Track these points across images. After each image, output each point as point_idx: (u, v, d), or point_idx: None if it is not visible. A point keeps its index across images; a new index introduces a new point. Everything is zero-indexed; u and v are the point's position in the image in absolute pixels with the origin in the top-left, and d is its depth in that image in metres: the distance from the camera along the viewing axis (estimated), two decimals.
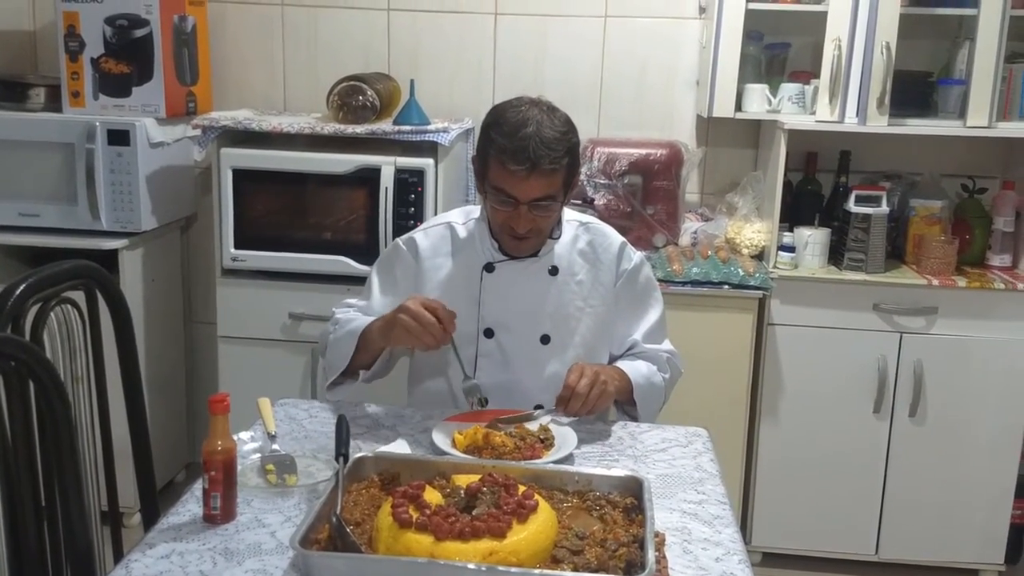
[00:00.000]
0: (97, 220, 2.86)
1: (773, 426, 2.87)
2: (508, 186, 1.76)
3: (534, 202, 1.76)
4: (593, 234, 1.97)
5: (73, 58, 2.92)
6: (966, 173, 3.01)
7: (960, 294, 2.75)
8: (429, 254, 1.95)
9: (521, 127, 1.73)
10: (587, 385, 1.71)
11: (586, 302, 1.93)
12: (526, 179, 1.73)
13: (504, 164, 1.74)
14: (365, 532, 1.30)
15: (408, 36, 3.21)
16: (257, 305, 2.87)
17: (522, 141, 1.72)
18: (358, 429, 1.75)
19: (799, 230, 2.85)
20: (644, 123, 3.19)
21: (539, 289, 1.91)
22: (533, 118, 1.75)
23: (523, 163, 1.72)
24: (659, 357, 1.95)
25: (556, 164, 1.74)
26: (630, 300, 1.97)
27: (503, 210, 1.79)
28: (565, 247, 1.93)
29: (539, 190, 1.75)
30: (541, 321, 1.91)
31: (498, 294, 1.90)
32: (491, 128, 1.79)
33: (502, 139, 1.75)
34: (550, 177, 1.75)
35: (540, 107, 1.79)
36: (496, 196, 1.79)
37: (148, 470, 1.78)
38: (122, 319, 1.72)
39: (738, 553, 1.35)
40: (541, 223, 1.82)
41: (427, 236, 1.97)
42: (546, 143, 1.73)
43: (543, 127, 1.74)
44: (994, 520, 2.85)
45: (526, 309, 1.90)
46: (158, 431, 2.54)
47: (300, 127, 2.79)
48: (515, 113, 1.77)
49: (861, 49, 2.71)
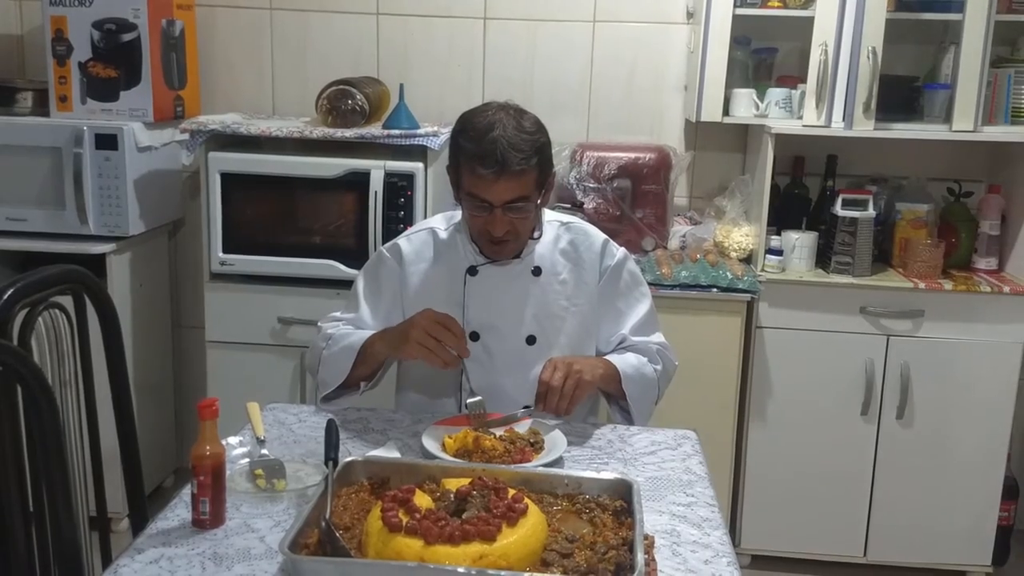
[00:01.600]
0: (85, 224, 2.85)
1: (762, 429, 2.88)
2: (480, 190, 1.76)
3: (508, 204, 1.77)
4: (575, 233, 1.97)
5: (61, 62, 2.91)
6: (952, 177, 3.03)
7: (946, 297, 2.77)
8: (413, 259, 1.95)
9: (488, 131, 1.74)
10: (561, 378, 1.72)
11: (570, 301, 1.93)
12: (496, 182, 1.74)
13: (474, 169, 1.75)
14: (355, 536, 1.30)
15: (397, 40, 3.21)
16: (246, 310, 2.86)
17: (490, 144, 1.73)
18: (347, 433, 1.74)
19: (787, 234, 2.87)
20: (633, 127, 3.20)
21: (523, 290, 1.91)
22: (500, 121, 1.75)
23: (491, 166, 1.72)
24: (649, 349, 1.95)
25: (524, 164, 1.74)
26: (615, 296, 1.97)
27: (479, 215, 1.80)
28: (547, 247, 1.94)
29: (511, 192, 1.76)
30: (526, 322, 1.91)
31: (482, 297, 1.91)
32: (460, 135, 1.80)
33: (470, 144, 1.76)
34: (520, 178, 1.75)
35: (507, 111, 1.79)
36: (470, 202, 1.80)
37: (136, 475, 1.77)
38: (110, 324, 1.72)
39: (727, 555, 1.36)
40: (518, 225, 1.82)
41: (410, 242, 1.98)
42: (513, 145, 1.73)
43: (509, 129, 1.74)
44: (981, 522, 2.87)
45: (511, 311, 1.91)
46: (146, 436, 2.52)
47: (289, 131, 2.79)
48: (482, 118, 1.78)
49: (848, 54, 2.73)
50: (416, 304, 1.89)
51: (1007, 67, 2.85)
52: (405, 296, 1.94)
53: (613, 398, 1.93)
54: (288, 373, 2.88)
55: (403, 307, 1.93)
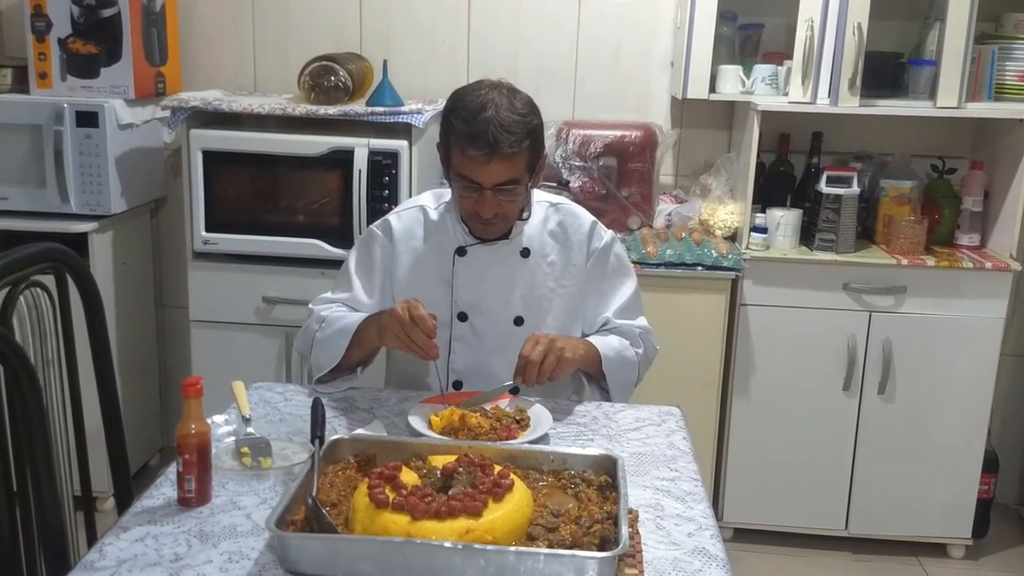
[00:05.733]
0: (66, 203, 2.83)
1: (745, 404, 2.90)
2: (470, 171, 1.75)
3: (498, 187, 1.75)
4: (563, 215, 1.96)
5: (40, 38, 2.87)
6: (936, 153, 3.04)
7: (929, 273, 2.79)
8: (403, 236, 1.94)
9: (480, 111, 1.71)
10: (541, 352, 1.72)
11: (558, 283, 1.93)
12: (487, 163, 1.72)
13: (464, 150, 1.73)
14: (341, 513, 1.31)
15: (380, 16, 3.18)
16: (230, 289, 2.85)
17: (481, 125, 1.70)
18: (333, 412, 1.74)
19: (771, 211, 2.88)
20: (618, 105, 3.19)
21: (511, 271, 1.91)
22: (492, 101, 1.72)
23: (482, 148, 1.70)
24: (632, 332, 1.96)
25: (516, 147, 1.72)
26: (601, 278, 1.97)
27: (469, 196, 1.79)
28: (536, 228, 1.93)
29: (502, 174, 1.74)
30: (514, 303, 1.91)
31: (470, 278, 1.90)
32: (451, 114, 1.77)
33: (461, 124, 1.73)
34: (511, 160, 1.73)
35: (500, 90, 1.76)
36: (460, 183, 1.78)
37: (121, 454, 1.77)
38: (93, 303, 1.71)
39: (710, 528, 1.37)
40: (507, 207, 1.81)
41: (400, 219, 1.96)
42: (505, 126, 1.70)
43: (502, 110, 1.71)
44: (961, 495, 2.91)
45: (499, 292, 1.90)
46: (131, 415, 2.51)
47: (271, 108, 2.76)
48: (474, 98, 1.74)
49: (833, 30, 2.73)
50: (406, 283, 1.89)
51: (991, 43, 2.85)
52: (395, 275, 1.93)
53: (593, 378, 1.93)
54: (273, 352, 2.87)
55: (392, 286, 1.93)
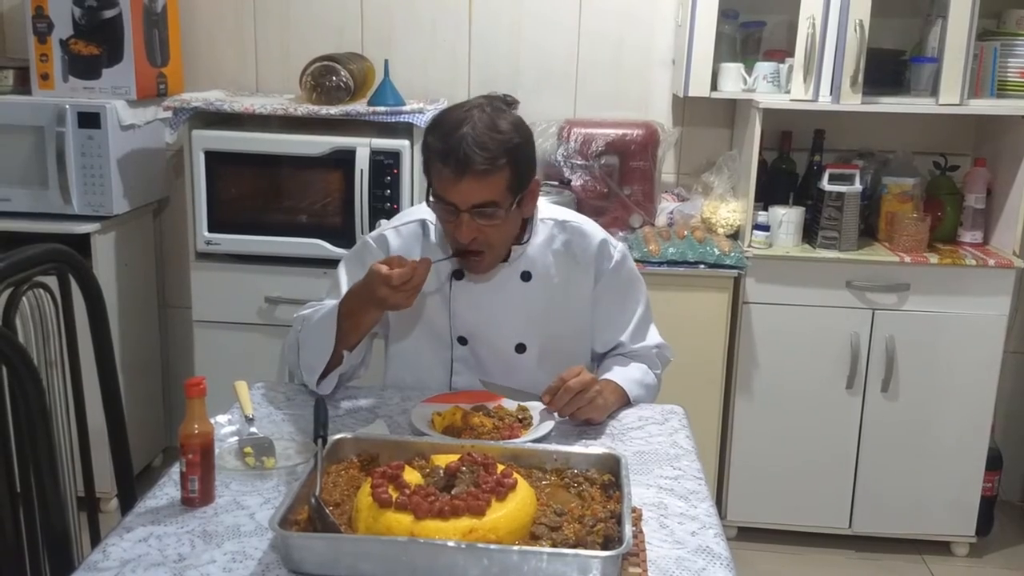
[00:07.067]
0: (68, 204, 2.83)
1: (748, 403, 2.90)
2: (444, 191, 1.64)
3: (475, 208, 1.63)
4: (570, 233, 1.85)
5: (42, 40, 2.87)
6: (938, 151, 3.04)
7: (932, 271, 2.78)
8: (400, 253, 1.80)
9: (456, 128, 1.61)
10: (579, 384, 1.63)
11: (563, 306, 1.84)
12: (458, 182, 1.61)
13: (438, 167, 1.63)
14: (344, 513, 1.31)
15: (382, 15, 3.18)
16: (232, 289, 2.85)
17: (455, 142, 1.59)
18: (336, 411, 1.74)
19: (773, 209, 2.87)
20: (620, 103, 3.19)
21: (511, 297, 1.81)
22: (470, 118, 1.62)
23: (451, 164, 1.60)
24: (648, 354, 1.90)
25: (490, 165, 1.59)
26: (612, 299, 1.88)
27: (447, 220, 1.68)
28: (539, 249, 1.82)
29: (477, 195, 1.62)
30: (515, 330, 1.83)
31: (469, 303, 1.82)
32: (429, 131, 1.67)
33: (436, 141, 1.63)
34: (486, 180, 1.61)
35: (485, 108, 1.65)
36: (437, 204, 1.68)
37: (125, 455, 1.77)
38: (95, 303, 1.71)
39: (713, 527, 1.37)
40: (488, 234, 1.67)
41: (399, 234, 1.86)
42: (479, 143, 1.59)
43: (479, 127, 1.60)
44: (965, 493, 2.90)
45: (498, 318, 1.81)
46: (134, 416, 2.52)
47: (273, 108, 2.76)
48: (456, 115, 1.65)
49: (835, 27, 2.72)
50: None
51: (993, 40, 2.85)
52: None
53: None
54: (275, 352, 2.86)
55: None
